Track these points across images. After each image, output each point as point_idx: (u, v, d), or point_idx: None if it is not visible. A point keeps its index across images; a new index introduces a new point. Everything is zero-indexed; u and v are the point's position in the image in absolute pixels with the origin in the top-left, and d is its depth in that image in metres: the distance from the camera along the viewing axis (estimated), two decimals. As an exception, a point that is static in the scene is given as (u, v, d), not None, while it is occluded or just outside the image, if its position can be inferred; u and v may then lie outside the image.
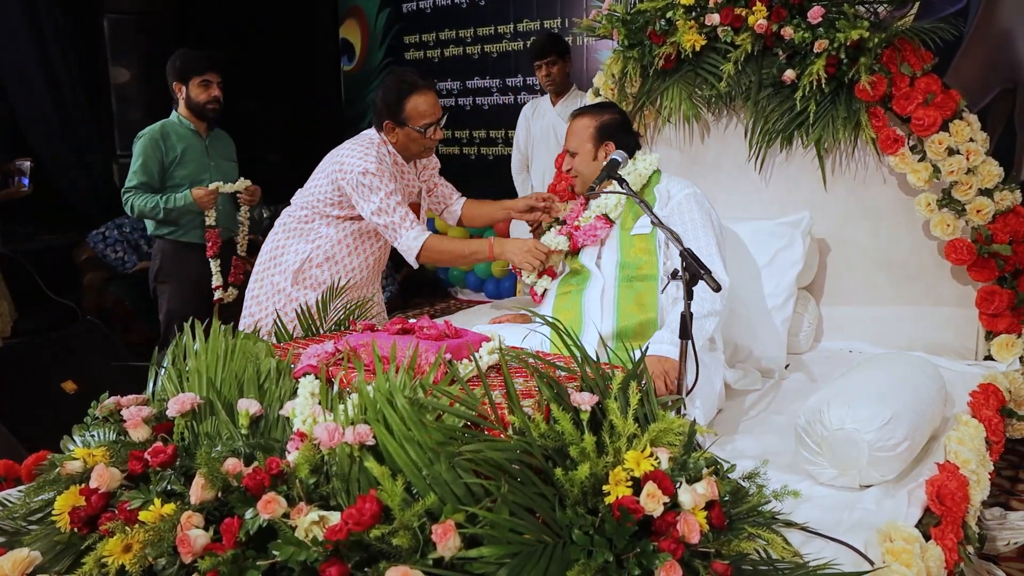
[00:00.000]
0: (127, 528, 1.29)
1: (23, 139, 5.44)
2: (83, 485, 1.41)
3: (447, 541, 1.09)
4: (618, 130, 2.38)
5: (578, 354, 1.45)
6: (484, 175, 6.14)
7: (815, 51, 2.53)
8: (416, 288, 6.37)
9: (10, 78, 5.39)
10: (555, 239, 2.43)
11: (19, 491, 1.58)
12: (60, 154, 5.55)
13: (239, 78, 6.44)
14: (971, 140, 2.44)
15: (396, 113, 2.44)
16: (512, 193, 4.60)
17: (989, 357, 2.54)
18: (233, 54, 6.39)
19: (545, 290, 2.50)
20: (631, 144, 2.39)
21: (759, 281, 2.57)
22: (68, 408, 2.68)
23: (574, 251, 2.39)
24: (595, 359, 1.47)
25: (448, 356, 1.50)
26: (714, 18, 2.69)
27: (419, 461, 1.18)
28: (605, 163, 2.17)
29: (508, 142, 6.08)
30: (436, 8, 6.41)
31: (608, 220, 2.33)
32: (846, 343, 2.73)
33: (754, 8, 2.61)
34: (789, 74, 2.63)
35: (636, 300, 2.12)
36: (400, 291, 5.92)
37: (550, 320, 1.51)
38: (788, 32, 2.57)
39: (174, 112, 3.39)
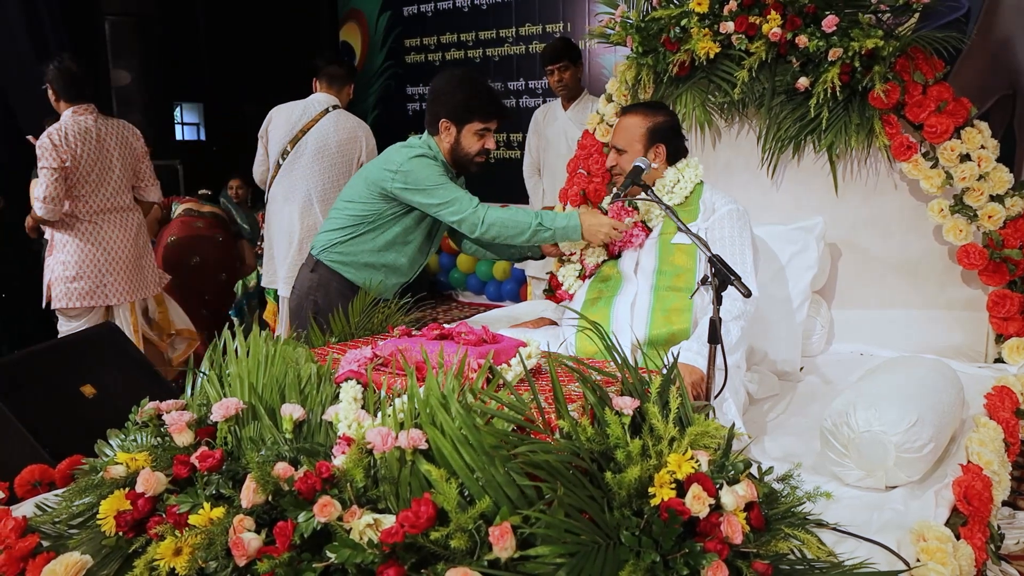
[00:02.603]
0: (177, 532, 1.31)
1: (24, 142, 5.43)
2: (128, 489, 1.42)
3: (504, 542, 1.11)
4: (670, 134, 2.38)
5: (619, 359, 1.47)
6: (486, 176, 6.16)
7: (829, 59, 2.57)
8: (414, 291, 6.39)
9: (10, 81, 5.37)
10: (593, 251, 2.43)
11: (56, 495, 1.59)
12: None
13: (238, 80, 6.49)
14: (982, 147, 2.49)
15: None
16: (521, 195, 4.63)
17: (999, 360, 2.58)
18: (233, 56, 6.44)
19: (573, 292, 2.50)
20: (681, 149, 2.41)
21: (774, 285, 2.60)
22: (85, 412, 2.69)
23: (612, 256, 2.39)
24: (634, 363, 1.50)
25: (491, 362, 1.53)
26: (728, 26, 2.72)
27: (473, 464, 1.20)
28: (629, 169, 2.19)
29: (511, 145, 6.11)
30: (437, 12, 6.44)
31: (645, 226, 2.35)
32: (857, 346, 2.77)
33: (768, 16, 2.65)
34: (803, 81, 2.66)
35: (671, 310, 2.13)
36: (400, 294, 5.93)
37: (592, 324, 1.53)
38: (802, 40, 2.60)
39: (431, 140, 2.59)
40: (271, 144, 3.80)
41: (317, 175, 3.68)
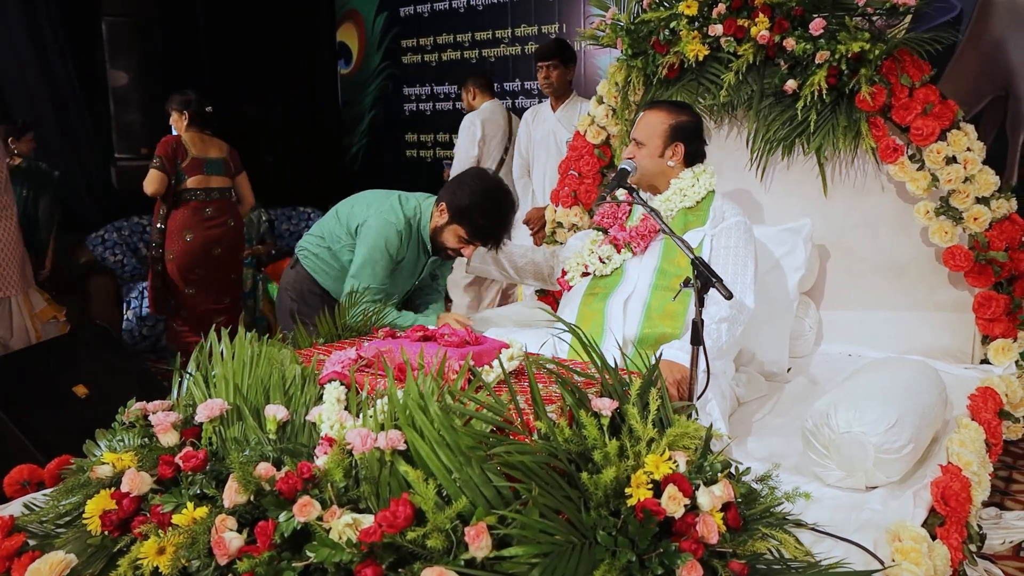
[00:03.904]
0: (160, 531, 1.32)
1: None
2: (113, 489, 1.44)
3: (480, 542, 1.13)
4: (691, 135, 2.39)
5: (597, 360, 1.49)
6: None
7: (816, 62, 2.59)
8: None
9: (9, 81, 5.39)
10: (610, 255, 2.39)
11: (44, 495, 1.60)
12: (58, 156, 5.56)
13: (237, 80, 6.50)
14: (968, 149, 2.50)
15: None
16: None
17: (985, 361, 2.60)
18: (232, 57, 6.46)
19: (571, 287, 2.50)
20: (700, 152, 2.42)
21: (762, 287, 2.61)
22: (78, 412, 2.72)
23: (635, 253, 2.37)
24: (614, 364, 1.51)
25: (471, 363, 1.54)
26: (717, 29, 2.74)
27: (451, 465, 1.22)
28: (616, 171, 2.20)
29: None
30: (434, 12, 6.45)
31: (656, 225, 2.34)
32: (846, 347, 2.78)
33: (757, 19, 2.66)
34: (790, 84, 2.68)
35: (664, 312, 2.15)
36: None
37: (571, 326, 1.55)
38: (790, 43, 2.62)
39: (422, 211, 2.61)
40: (489, 148, 4.45)
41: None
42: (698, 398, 1.79)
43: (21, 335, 3.44)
